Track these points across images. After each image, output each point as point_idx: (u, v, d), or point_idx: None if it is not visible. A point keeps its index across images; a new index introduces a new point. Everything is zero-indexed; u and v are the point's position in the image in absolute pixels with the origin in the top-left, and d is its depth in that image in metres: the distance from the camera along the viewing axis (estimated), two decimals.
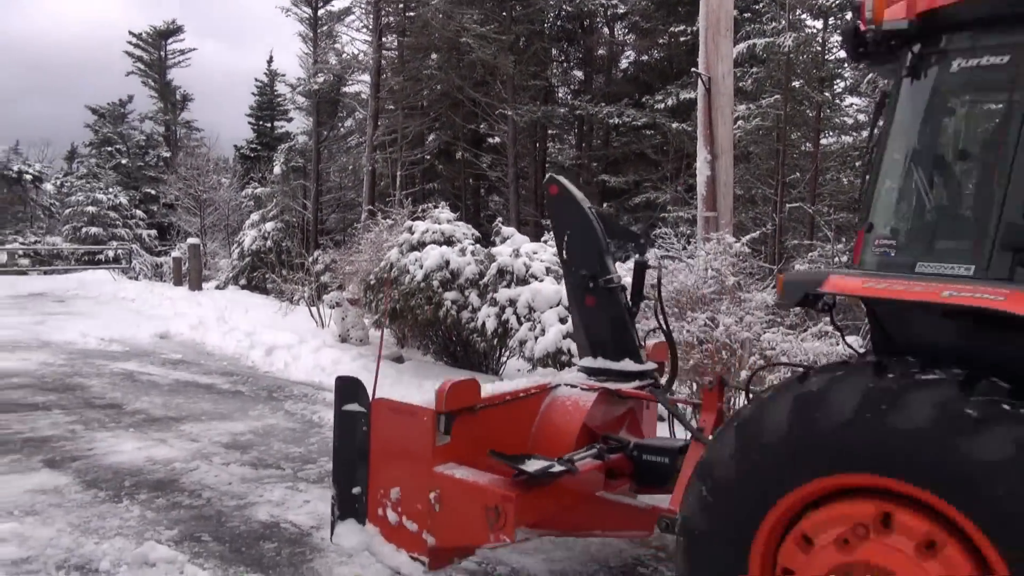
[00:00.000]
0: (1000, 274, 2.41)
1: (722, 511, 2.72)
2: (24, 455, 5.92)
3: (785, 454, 2.54)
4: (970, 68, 2.59)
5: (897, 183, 2.80)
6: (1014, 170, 2.37)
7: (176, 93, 44.27)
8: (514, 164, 19.52)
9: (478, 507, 3.33)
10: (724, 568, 2.72)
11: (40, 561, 4.05)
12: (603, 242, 4.17)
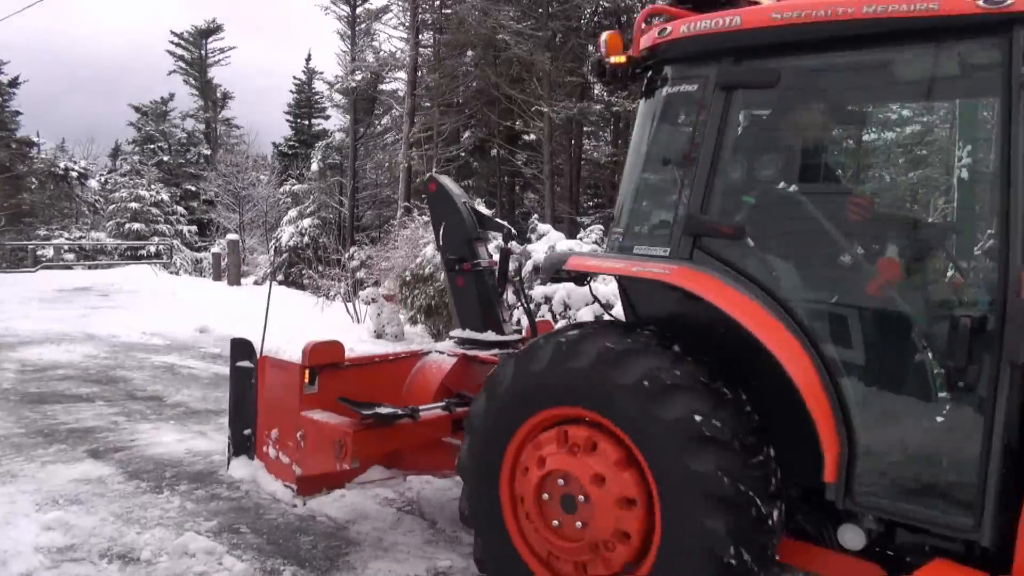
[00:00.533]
0: (683, 255, 3.11)
1: (478, 449, 3.43)
2: (69, 445, 6.07)
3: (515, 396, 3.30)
4: (674, 93, 3.30)
5: (629, 183, 3.52)
6: (696, 174, 3.10)
7: (216, 91, 45.03)
8: (549, 161, 19.48)
9: (328, 442, 4.07)
10: (486, 502, 3.39)
11: (84, 549, 4.14)
12: (473, 231, 4.80)
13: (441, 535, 4.48)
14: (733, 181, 3.24)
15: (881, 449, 2.85)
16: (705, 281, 3.03)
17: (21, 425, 6.64)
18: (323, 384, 4.36)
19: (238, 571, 3.90)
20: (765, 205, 3.27)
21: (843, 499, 2.80)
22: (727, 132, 3.13)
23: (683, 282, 3.06)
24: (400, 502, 4.99)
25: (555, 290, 7.35)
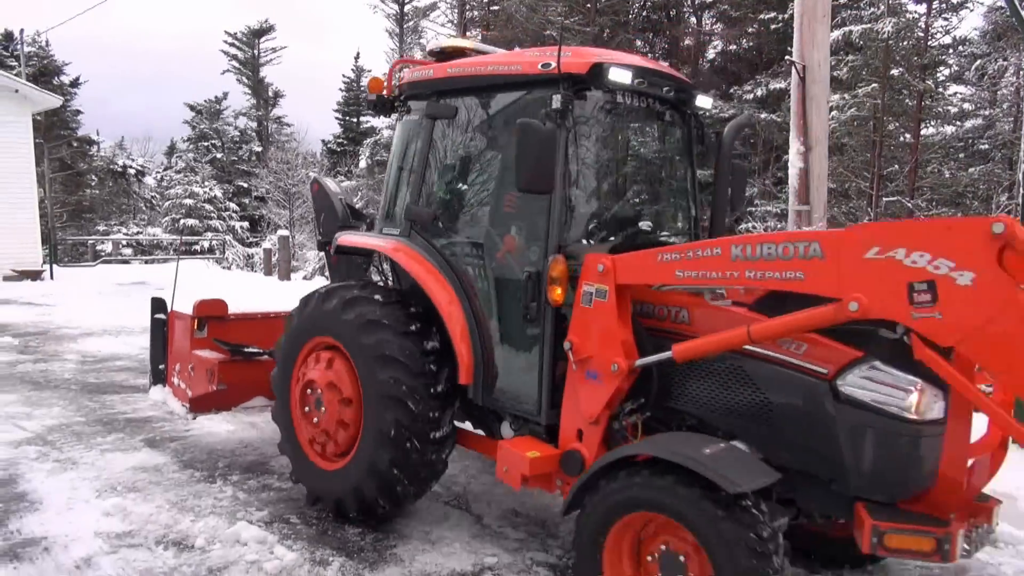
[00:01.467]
0: (404, 235, 4.54)
1: (279, 368, 4.82)
2: (127, 434, 6.23)
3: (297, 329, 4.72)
4: (408, 121, 4.77)
5: (386, 184, 4.92)
6: (412, 178, 4.55)
7: (268, 90, 45.85)
8: None
9: (204, 371, 5.79)
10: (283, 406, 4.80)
11: (141, 535, 4.25)
12: (345, 221, 5.51)
13: (487, 530, 4.49)
14: (432, 183, 4.58)
15: (493, 362, 4.18)
16: (405, 251, 4.47)
17: (81, 414, 6.85)
18: (212, 332, 6.03)
19: (288, 561, 3.96)
20: (449, 200, 4.63)
21: (479, 397, 4.21)
22: (430, 148, 4.52)
23: (390, 252, 4.55)
24: (447, 496, 5.01)
25: None
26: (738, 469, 2.99)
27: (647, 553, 3.19)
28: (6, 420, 6.58)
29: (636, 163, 4.85)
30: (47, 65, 36.53)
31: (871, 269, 2.88)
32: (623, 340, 3.55)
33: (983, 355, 2.80)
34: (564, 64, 3.74)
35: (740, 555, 2.83)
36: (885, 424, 3.03)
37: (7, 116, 19.12)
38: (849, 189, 16.08)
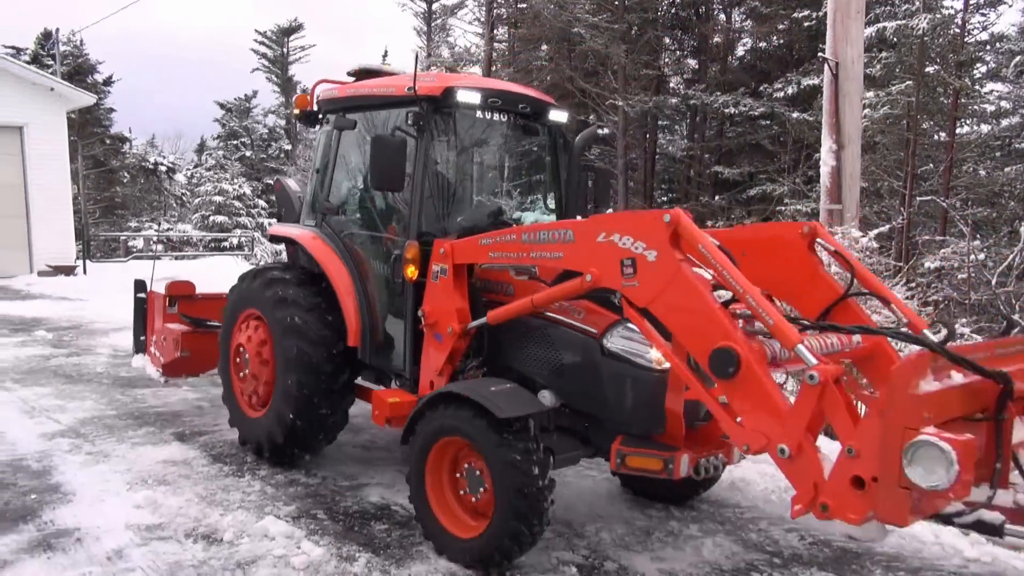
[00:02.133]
0: (318, 225, 5.45)
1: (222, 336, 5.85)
2: (157, 428, 6.31)
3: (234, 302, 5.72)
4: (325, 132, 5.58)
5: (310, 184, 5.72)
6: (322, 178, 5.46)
7: (297, 88, 46.19)
8: (624, 155, 19.26)
9: (172, 340, 6.70)
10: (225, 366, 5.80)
11: (171, 528, 4.30)
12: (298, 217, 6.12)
13: None
14: (336, 182, 5.49)
15: (377, 329, 5.07)
16: (313, 239, 5.41)
17: (113, 407, 6.94)
18: (181, 308, 6.92)
19: (316, 556, 3.97)
20: (349, 196, 5.53)
21: (366, 358, 5.14)
22: (336, 154, 5.44)
23: (300, 239, 5.51)
24: None
25: None
26: (510, 402, 3.83)
27: (459, 470, 4.05)
28: (40, 412, 6.70)
29: (497, 165, 5.90)
30: (81, 64, 37.14)
31: (600, 249, 3.72)
32: (459, 308, 4.45)
33: (663, 316, 3.49)
34: (421, 88, 4.71)
35: (508, 470, 3.69)
36: (636, 373, 3.89)
37: (43, 114, 19.47)
38: (881, 188, 15.82)
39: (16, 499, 4.69)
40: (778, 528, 4.59)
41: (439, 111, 4.85)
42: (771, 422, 3.06)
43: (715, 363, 3.21)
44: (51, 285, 17.35)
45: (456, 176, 5.39)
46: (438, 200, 5.06)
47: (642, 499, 5.00)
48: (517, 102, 5.22)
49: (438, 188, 5.07)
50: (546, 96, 5.56)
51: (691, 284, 3.39)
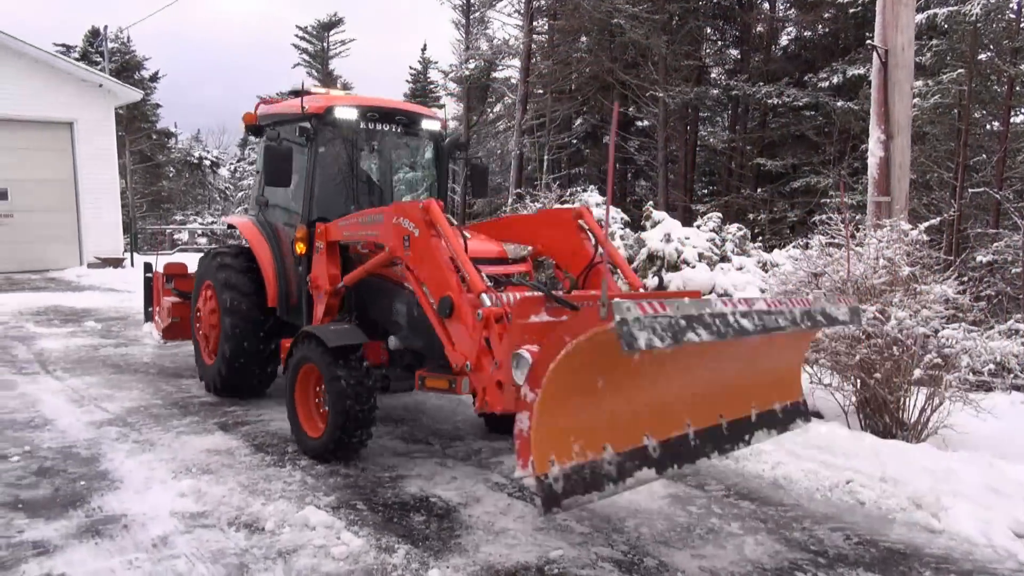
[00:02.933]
0: (255, 215, 7.04)
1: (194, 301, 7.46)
2: (201, 418, 6.42)
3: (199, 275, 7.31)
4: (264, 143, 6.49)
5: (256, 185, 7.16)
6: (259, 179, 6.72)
7: (337, 82, 46.61)
8: (664, 147, 19.05)
9: (167, 309, 8.33)
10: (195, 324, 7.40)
11: (214, 516, 4.36)
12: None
13: (552, 523, 4.44)
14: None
15: (288, 292, 6.46)
16: (247, 225, 7.01)
17: (159, 397, 7.09)
18: (177, 285, 8.40)
19: (355, 546, 3.99)
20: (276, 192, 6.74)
21: (283, 314, 6.54)
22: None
23: (237, 224, 7.24)
24: (511, 488, 4.99)
25: (670, 279, 7.13)
26: (339, 336, 5.19)
27: (319, 392, 5.37)
28: (89, 401, 6.86)
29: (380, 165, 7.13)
30: (128, 60, 37.95)
31: (394, 228, 5.15)
32: (331, 274, 5.90)
33: (421, 275, 4.96)
34: (310, 108, 6.18)
35: (335, 389, 5.06)
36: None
37: (92, 110, 19.94)
38: (931, 180, 15.39)
39: (66, 485, 4.80)
40: (823, 527, 4.49)
41: (324, 125, 6.31)
42: (467, 347, 4.45)
43: (441, 307, 4.68)
44: (100, 277, 17.79)
45: (341, 173, 6.75)
46: (325, 193, 6.42)
47: (682, 495, 4.93)
48: (393, 115, 6.58)
49: (325, 184, 6.47)
50: (420, 108, 6.97)
51: (433, 252, 4.84)
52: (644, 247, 7.53)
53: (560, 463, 3.28)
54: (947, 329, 5.78)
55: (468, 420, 6.59)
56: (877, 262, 6.09)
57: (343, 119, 6.28)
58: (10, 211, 19.16)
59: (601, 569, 3.90)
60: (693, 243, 7.41)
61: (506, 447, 5.85)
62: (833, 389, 6.38)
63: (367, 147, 6.93)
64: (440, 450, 5.76)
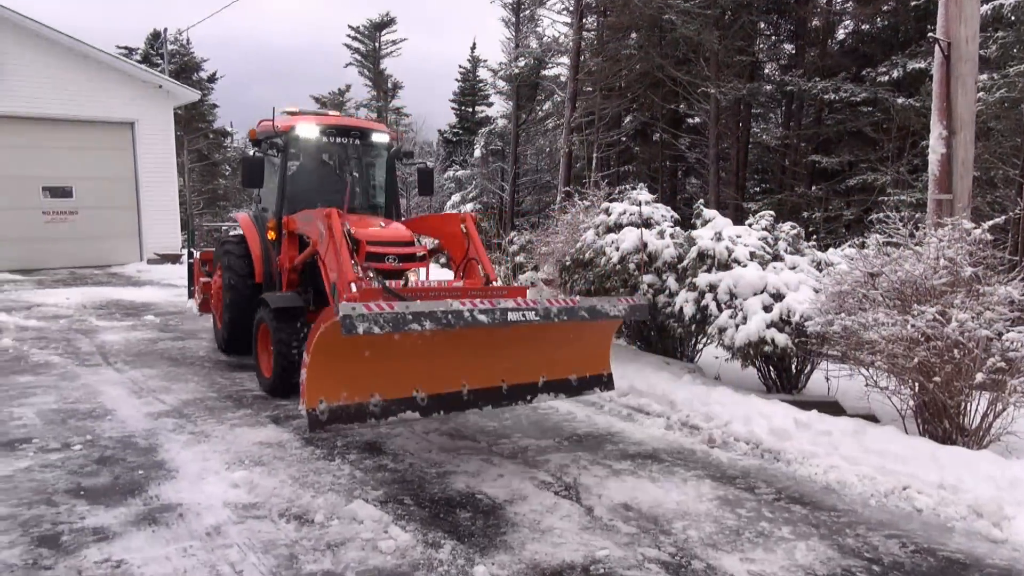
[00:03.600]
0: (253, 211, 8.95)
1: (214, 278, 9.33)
2: (254, 411, 6.56)
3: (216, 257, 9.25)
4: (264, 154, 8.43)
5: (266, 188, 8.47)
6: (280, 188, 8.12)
7: (388, 81, 47.10)
8: (715, 144, 18.76)
9: (201, 288, 9.93)
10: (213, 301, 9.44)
11: (266, 508, 4.45)
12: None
13: (598, 523, 4.42)
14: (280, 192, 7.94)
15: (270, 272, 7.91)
16: (244, 219, 8.75)
17: (214, 390, 7.26)
18: (210, 268, 9.61)
19: (402, 541, 4.03)
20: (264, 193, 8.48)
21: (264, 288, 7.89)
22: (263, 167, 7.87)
23: (238, 218, 9.00)
24: (557, 487, 4.97)
25: (720, 278, 7.01)
26: (282, 301, 6.93)
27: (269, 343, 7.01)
28: (148, 393, 7.07)
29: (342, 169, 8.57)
30: (187, 62, 38.95)
31: (314, 227, 6.72)
32: (290, 256, 7.52)
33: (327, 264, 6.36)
34: (280, 127, 7.93)
35: (275, 341, 6.72)
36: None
37: (152, 110, 20.53)
38: (995, 177, 14.84)
39: (125, 474, 4.96)
40: (877, 534, 4.37)
41: (290, 139, 7.97)
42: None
43: (332, 288, 6.10)
44: (159, 272, 18.32)
45: (309, 176, 8.40)
46: (297, 192, 8.01)
47: (731, 498, 4.86)
48: (349, 130, 8.24)
49: (298, 184, 8.12)
50: (371, 123, 8.76)
51: (334, 247, 6.25)
52: (694, 246, 7.41)
53: (328, 402, 4.75)
54: (1012, 332, 5.56)
55: (515, 418, 6.59)
56: (938, 262, 5.89)
57: (304, 135, 7.94)
58: (75, 208, 19.84)
59: (647, 570, 3.87)
60: (744, 242, 7.27)
61: (552, 446, 5.84)
62: (890, 393, 6.21)
63: (328, 156, 8.56)
64: (487, 447, 5.77)
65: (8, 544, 3.91)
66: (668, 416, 6.63)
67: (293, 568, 3.73)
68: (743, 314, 6.72)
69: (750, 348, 6.55)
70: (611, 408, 6.99)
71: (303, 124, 7.86)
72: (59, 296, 13.87)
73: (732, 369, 7.96)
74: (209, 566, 3.72)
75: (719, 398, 6.71)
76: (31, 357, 8.63)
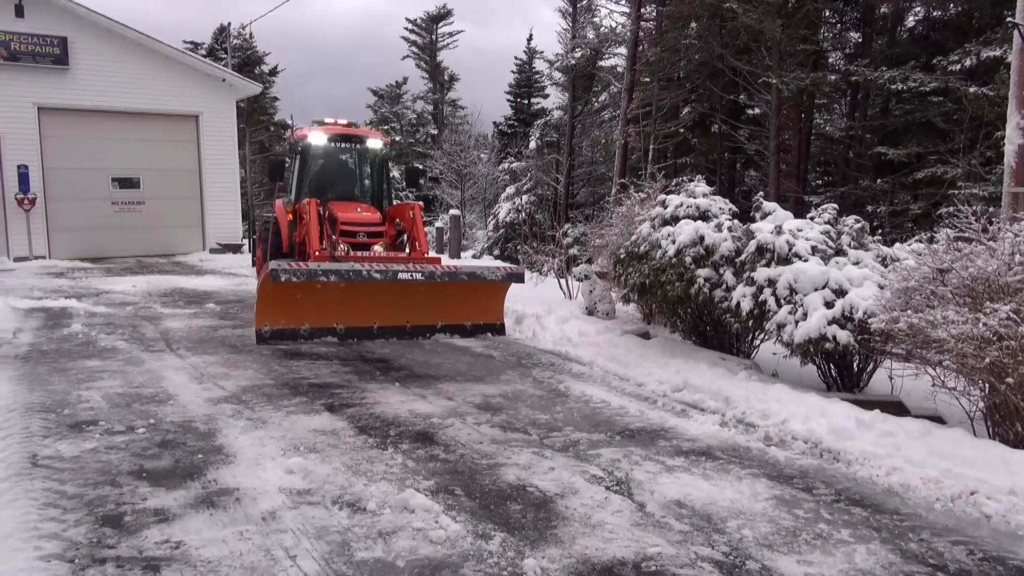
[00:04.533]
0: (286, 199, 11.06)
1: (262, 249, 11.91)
2: (309, 398, 6.66)
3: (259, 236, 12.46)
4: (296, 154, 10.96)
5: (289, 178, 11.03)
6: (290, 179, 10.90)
7: (444, 73, 47.33)
8: (776, 136, 18.29)
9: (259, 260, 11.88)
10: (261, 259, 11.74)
11: (319, 494, 4.51)
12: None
13: (650, 519, 4.36)
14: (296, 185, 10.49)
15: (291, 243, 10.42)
16: (278, 205, 11.11)
17: (271, 377, 7.41)
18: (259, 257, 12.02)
19: (452, 531, 4.04)
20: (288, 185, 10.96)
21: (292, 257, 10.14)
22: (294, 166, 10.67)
23: (275, 206, 11.34)
24: (609, 481, 4.92)
25: (780, 273, 6.83)
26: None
27: None
28: (208, 379, 7.25)
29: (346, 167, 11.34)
30: (250, 56, 39.82)
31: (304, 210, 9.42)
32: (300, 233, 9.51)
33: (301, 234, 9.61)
34: (299, 136, 10.57)
35: None
36: None
37: (217, 102, 21.06)
38: None
39: (185, 458, 5.09)
40: (943, 540, 4.21)
41: (305, 145, 10.49)
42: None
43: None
44: (221, 261, 18.81)
45: (318, 173, 10.81)
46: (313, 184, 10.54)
47: (788, 498, 4.73)
48: (350, 137, 10.66)
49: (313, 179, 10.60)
50: (367, 131, 11.57)
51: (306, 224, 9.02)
52: (753, 239, 7.23)
53: (271, 326, 7.25)
54: None
55: (567, 411, 6.56)
56: (1013, 258, 5.63)
57: (315, 142, 10.42)
58: (142, 198, 20.51)
59: (700, 569, 3.79)
60: (806, 235, 7.06)
61: (604, 440, 5.79)
62: (958, 394, 5.96)
63: (334, 157, 11.16)
64: (538, 440, 5.75)
65: (75, 523, 4.05)
66: (723, 413, 6.51)
67: (345, 555, 3.77)
68: (803, 310, 6.53)
69: (810, 345, 6.36)
70: (664, 403, 6.90)
71: (314, 132, 10.38)
72: (126, 284, 14.36)
73: (790, 366, 7.76)
74: (264, 550, 3.78)
75: (776, 395, 6.55)
76: (99, 342, 8.95)
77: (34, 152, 18.66)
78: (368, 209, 9.92)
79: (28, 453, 5.09)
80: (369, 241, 9.25)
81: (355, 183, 11.18)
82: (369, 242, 9.23)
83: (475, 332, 8.13)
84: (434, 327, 7.82)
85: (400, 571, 3.65)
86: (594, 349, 8.81)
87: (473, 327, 8.06)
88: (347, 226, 9.21)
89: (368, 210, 9.87)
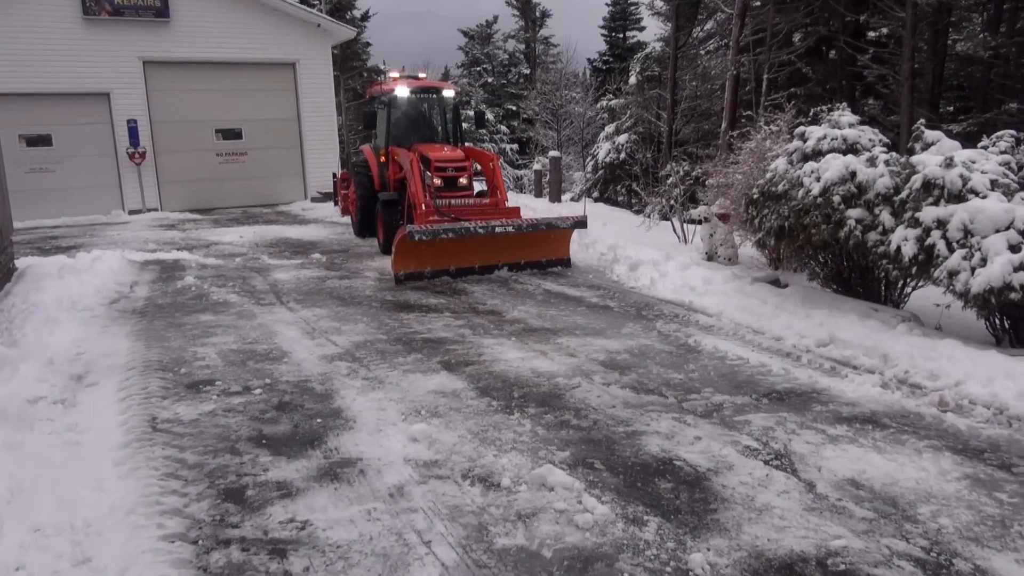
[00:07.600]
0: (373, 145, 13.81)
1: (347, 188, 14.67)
2: (424, 355, 6.31)
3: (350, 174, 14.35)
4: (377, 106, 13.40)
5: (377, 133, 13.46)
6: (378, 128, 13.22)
7: (535, 10, 45.89)
8: (911, 58, 16.51)
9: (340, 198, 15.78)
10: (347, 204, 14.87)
11: (448, 467, 4.13)
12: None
13: (823, 502, 3.77)
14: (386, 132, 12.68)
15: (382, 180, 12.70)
16: (367, 149, 13.64)
17: (383, 332, 7.11)
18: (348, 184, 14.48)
19: (600, 515, 3.58)
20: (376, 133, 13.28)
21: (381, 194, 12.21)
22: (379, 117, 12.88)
23: (363, 150, 13.81)
24: (766, 453, 4.34)
25: (951, 212, 5.92)
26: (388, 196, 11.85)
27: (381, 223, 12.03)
28: (320, 334, 7.02)
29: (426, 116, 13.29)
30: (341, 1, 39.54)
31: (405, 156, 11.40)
32: (393, 172, 12.07)
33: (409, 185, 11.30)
34: (386, 89, 12.83)
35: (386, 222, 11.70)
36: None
37: (312, 49, 20.87)
38: None
39: (304, 422, 4.82)
40: None
41: (392, 98, 12.48)
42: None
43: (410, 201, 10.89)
44: (322, 210, 18.84)
45: (404, 121, 12.74)
46: (397, 132, 12.49)
47: (983, 477, 4.04)
48: (429, 89, 12.80)
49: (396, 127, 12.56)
50: (442, 84, 13.54)
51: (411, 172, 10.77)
52: (915, 174, 6.30)
53: (405, 270, 9.45)
54: None
55: (702, 368, 5.96)
56: None
57: (400, 95, 12.47)
58: (245, 149, 20.70)
59: (899, 570, 3.19)
60: (981, 168, 6.07)
61: (750, 404, 5.19)
62: None
63: (416, 106, 13.10)
64: (676, 404, 5.20)
65: (196, 496, 3.81)
66: (881, 372, 5.78)
67: (484, 541, 3.37)
68: (980, 255, 5.64)
69: (991, 295, 5.49)
70: (810, 360, 6.20)
71: (399, 87, 12.45)
72: (233, 235, 14.49)
73: (953, 317, 6.89)
74: (396, 534, 3.43)
75: (947, 352, 5.75)
76: (211, 296, 8.90)
77: (141, 106, 19.01)
78: (451, 149, 11.81)
79: (148, 416, 4.94)
80: (456, 175, 11.17)
81: (434, 128, 13.22)
82: (456, 175, 11.17)
83: (548, 266, 10.25)
84: (519, 264, 10.06)
85: (548, 563, 3.22)
86: (721, 298, 8.12)
87: (547, 262, 10.27)
88: (439, 163, 11.09)
89: (452, 150, 11.73)
